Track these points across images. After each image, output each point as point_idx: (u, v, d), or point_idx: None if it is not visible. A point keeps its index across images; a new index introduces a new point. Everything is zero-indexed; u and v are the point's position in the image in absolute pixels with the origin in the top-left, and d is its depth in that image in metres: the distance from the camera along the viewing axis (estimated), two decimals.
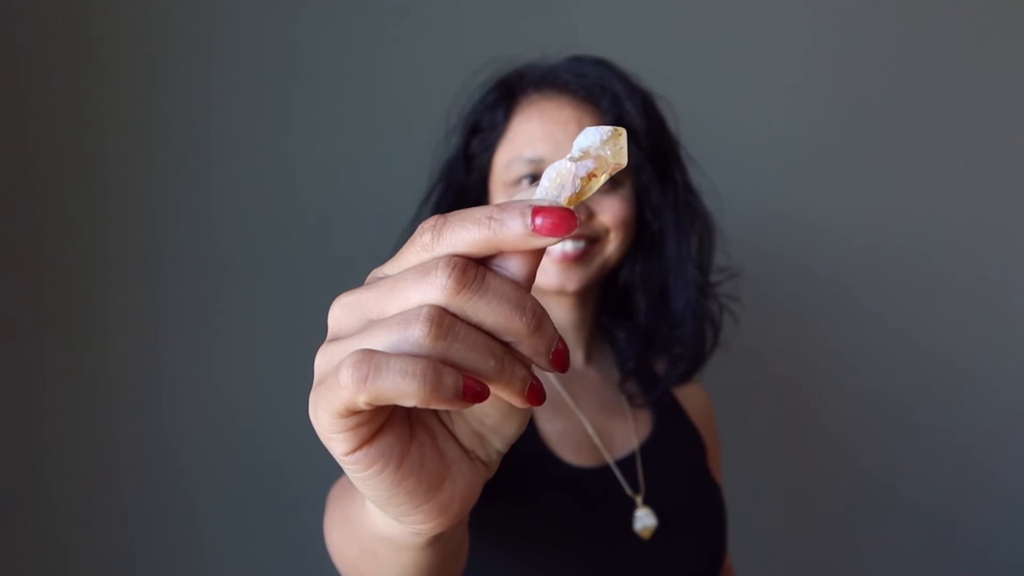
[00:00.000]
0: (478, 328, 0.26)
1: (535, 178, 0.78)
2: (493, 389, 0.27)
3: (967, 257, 1.48)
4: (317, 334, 0.58)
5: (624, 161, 0.28)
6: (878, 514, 1.48)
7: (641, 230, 0.84)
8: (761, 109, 1.43)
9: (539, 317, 0.26)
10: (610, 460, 0.79)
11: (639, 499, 0.76)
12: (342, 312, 0.28)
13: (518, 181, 0.79)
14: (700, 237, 0.87)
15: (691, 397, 0.94)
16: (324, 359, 0.28)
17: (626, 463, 0.79)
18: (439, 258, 0.26)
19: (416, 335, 0.25)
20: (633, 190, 0.81)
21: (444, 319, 0.25)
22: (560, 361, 0.27)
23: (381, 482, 0.28)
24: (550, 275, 0.78)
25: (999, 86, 1.48)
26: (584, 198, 0.28)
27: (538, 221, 0.25)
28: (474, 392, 0.25)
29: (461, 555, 0.51)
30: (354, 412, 0.26)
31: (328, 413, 0.26)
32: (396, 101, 1.34)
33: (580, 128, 0.77)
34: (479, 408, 0.30)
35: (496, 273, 0.27)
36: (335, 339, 0.28)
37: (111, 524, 1.28)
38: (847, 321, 1.47)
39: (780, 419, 1.47)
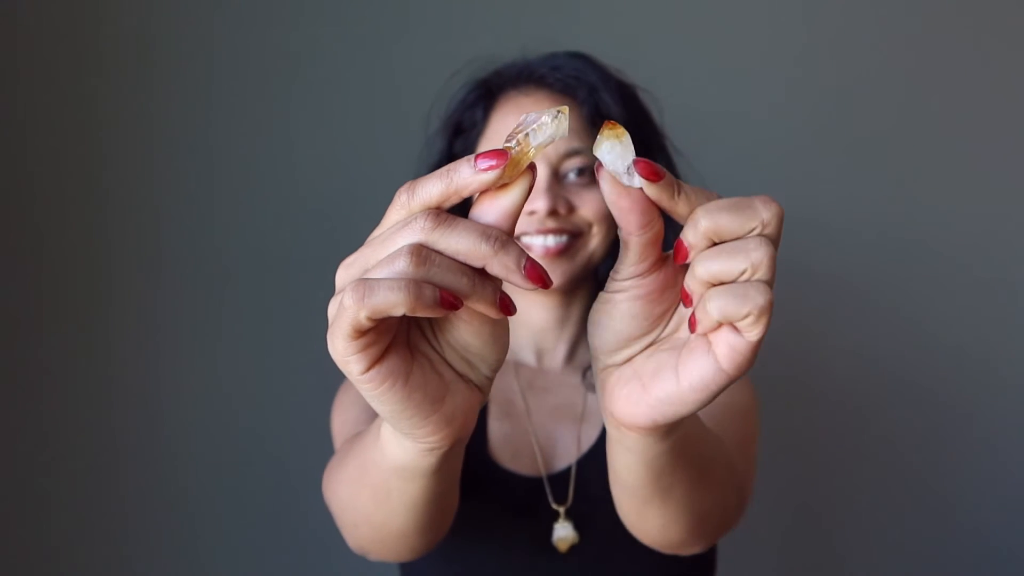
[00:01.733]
0: (452, 259, 0.33)
1: None
2: (469, 303, 0.33)
3: (967, 254, 1.47)
4: (316, 335, 0.58)
5: (546, 125, 0.33)
6: (879, 513, 1.48)
7: None
8: (756, 103, 1.39)
9: (503, 241, 0.33)
10: (543, 470, 0.79)
11: (562, 511, 0.77)
12: (345, 271, 0.35)
13: None
14: None
15: None
16: (333, 305, 0.33)
17: (560, 475, 0.79)
18: (417, 213, 0.33)
19: (401, 264, 0.32)
20: None
21: (422, 250, 0.32)
22: (534, 274, 0.33)
23: (394, 395, 0.35)
24: None
25: (999, 82, 1.47)
26: (524, 156, 0.33)
27: (479, 163, 0.33)
28: (449, 302, 0.32)
29: (456, 492, 0.56)
30: (361, 332, 0.32)
31: (341, 338, 0.32)
32: (398, 104, 1.33)
33: None
34: (463, 338, 0.37)
35: (468, 219, 0.34)
36: (340, 291, 0.33)
37: (111, 524, 1.28)
38: (843, 318, 1.46)
39: (778, 415, 1.47)
